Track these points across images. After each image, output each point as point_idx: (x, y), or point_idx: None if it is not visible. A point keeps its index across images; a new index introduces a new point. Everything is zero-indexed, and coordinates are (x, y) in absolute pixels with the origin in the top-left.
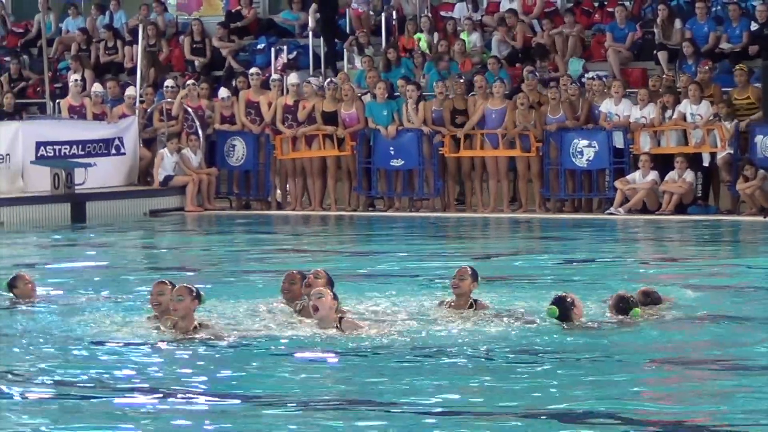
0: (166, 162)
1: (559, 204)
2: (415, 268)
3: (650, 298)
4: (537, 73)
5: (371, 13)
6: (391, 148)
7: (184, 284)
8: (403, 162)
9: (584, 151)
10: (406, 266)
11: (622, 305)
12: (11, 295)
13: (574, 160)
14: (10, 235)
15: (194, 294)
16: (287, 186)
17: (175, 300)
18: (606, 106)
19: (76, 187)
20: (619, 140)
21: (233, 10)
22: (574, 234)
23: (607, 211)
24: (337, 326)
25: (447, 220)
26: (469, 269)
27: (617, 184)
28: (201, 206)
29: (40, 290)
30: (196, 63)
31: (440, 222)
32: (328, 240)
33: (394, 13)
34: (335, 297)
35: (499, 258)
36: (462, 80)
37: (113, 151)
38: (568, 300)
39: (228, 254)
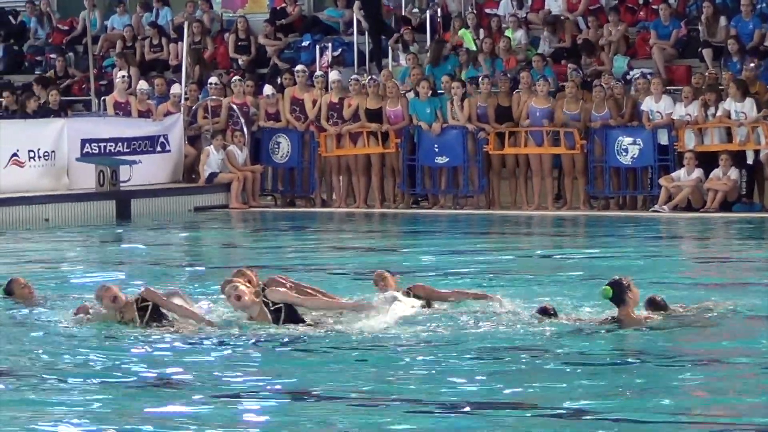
0: (211, 159)
1: (604, 201)
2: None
3: (655, 305)
4: (581, 71)
5: (415, 10)
6: (436, 146)
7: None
8: (447, 159)
9: (629, 148)
10: (440, 262)
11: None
12: (10, 300)
13: (618, 157)
14: (55, 233)
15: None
16: (332, 183)
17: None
18: (647, 104)
19: (121, 185)
20: (663, 138)
21: (278, 8)
22: (619, 231)
23: (652, 209)
24: (264, 303)
25: (491, 217)
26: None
27: (662, 181)
28: (245, 203)
29: (70, 291)
30: (241, 60)
31: (486, 219)
32: (371, 237)
33: (438, 10)
34: (250, 282)
35: (542, 255)
36: (507, 77)
37: (158, 148)
38: (624, 283)
39: (269, 251)
